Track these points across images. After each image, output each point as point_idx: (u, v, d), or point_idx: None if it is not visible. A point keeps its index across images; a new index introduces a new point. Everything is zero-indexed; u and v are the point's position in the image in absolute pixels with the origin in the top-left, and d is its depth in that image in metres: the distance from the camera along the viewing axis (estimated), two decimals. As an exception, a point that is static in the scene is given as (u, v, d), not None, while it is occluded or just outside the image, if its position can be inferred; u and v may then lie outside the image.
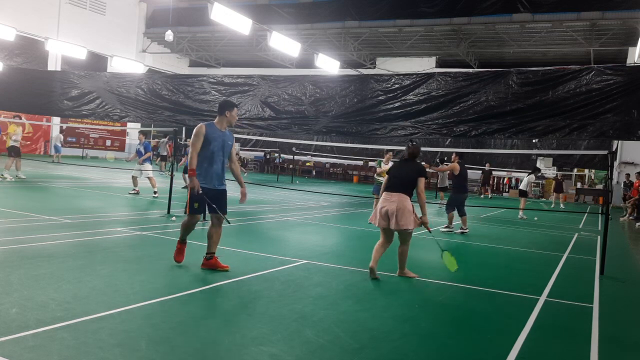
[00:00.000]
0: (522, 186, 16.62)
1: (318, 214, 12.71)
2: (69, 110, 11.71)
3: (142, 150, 13.61)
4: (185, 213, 5.85)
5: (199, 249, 7.08)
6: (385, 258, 6.24)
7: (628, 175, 22.22)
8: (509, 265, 7.95)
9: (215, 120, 5.85)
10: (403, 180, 5.97)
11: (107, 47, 31.53)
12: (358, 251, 8.05)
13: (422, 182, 5.92)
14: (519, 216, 16.06)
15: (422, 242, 9.68)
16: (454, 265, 6.14)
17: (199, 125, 5.74)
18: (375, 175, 11.56)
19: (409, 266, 6.27)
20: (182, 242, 5.94)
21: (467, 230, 10.77)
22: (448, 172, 12.05)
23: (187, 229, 5.92)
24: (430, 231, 6.13)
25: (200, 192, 5.55)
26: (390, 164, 11.30)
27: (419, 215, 5.96)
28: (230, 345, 3.59)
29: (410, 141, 6.25)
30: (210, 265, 5.77)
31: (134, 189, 13.23)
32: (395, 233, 6.04)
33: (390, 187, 5.99)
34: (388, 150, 12.26)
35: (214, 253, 5.82)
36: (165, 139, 25.78)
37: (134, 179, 13.45)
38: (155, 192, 13.06)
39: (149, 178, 13.48)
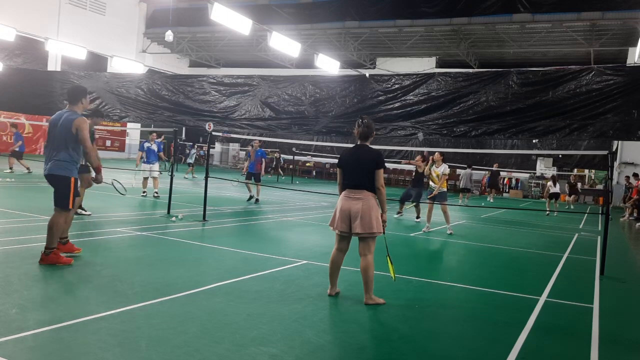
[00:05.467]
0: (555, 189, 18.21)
1: (318, 214, 12.71)
2: (69, 110, 11.69)
3: (155, 149, 13.34)
4: (71, 208, 5.65)
5: (199, 248, 7.09)
6: (382, 257, 6.22)
7: (628, 177, 22.13)
8: (509, 265, 7.95)
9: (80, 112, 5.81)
10: (363, 173, 4.89)
11: (107, 47, 31.55)
12: (358, 251, 8.03)
13: (381, 174, 4.88)
14: (555, 214, 17.63)
15: (421, 242, 9.68)
16: (392, 273, 5.33)
17: (86, 120, 5.64)
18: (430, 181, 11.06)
19: (407, 268, 6.24)
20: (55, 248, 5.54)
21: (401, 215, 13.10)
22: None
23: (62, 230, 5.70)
24: (384, 233, 5.00)
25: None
26: (444, 166, 10.82)
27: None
28: (230, 345, 3.59)
29: (361, 118, 5.10)
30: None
31: (144, 191, 13.06)
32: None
33: (352, 183, 4.92)
34: (441, 153, 11.24)
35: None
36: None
37: (145, 180, 13.27)
38: (156, 193, 13.03)
39: (153, 178, 13.30)
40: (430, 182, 11.05)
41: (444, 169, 10.84)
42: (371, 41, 29.95)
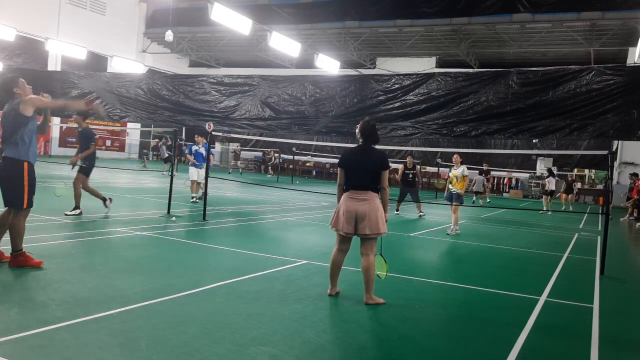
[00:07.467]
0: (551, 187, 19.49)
1: (318, 214, 12.71)
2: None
3: (202, 152, 12.72)
4: (24, 208, 5.15)
5: (200, 248, 7.09)
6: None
7: (634, 174, 21.89)
8: (509, 265, 7.95)
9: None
10: (367, 173, 4.88)
11: (107, 47, 31.56)
12: (358, 251, 8.03)
13: (386, 175, 4.91)
14: (548, 212, 18.38)
15: (421, 241, 9.68)
16: (382, 270, 5.23)
17: (36, 98, 5.21)
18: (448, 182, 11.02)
19: (407, 268, 6.24)
20: (21, 250, 5.17)
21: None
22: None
23: (23, 231, 5.21)
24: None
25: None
26: (462, 167, 10.64)
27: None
28: (230, 345, 3.59)
29: (375, 129, 5.05)
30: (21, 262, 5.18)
31: (193, 196, 12.46)
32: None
33: (357, 184, 4.90)
34: (460, 154, 11.01)
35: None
36: (162, 141, 25.70)
37: (193, 183, 12.61)
38: (193, 197, 12.45)
39: (199, 182, 12.61)
40: (450, 185, 10.89)
41: (462, 170, 10.66)
42: (371, 41, 29.95)
